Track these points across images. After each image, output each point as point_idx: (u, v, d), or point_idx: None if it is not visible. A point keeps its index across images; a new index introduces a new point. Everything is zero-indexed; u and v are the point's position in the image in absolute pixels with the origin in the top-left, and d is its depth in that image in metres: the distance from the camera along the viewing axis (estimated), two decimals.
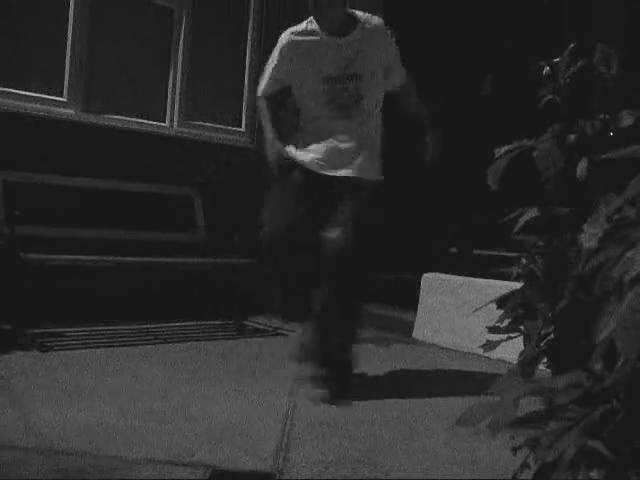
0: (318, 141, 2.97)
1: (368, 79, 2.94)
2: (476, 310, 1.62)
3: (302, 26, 2.97)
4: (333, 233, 2.77)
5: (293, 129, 3.11)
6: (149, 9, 4.70)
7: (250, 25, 5.09)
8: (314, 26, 2.93)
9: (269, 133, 3.00)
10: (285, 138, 3.06)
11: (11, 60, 4.17)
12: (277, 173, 2.96)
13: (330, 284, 2.80)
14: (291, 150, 3.00)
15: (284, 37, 2.98)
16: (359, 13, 2.97)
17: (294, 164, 2.96)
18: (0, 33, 4.12)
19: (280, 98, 3.10)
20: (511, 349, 1.32)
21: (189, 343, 3.77)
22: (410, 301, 4.37)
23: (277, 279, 3.14)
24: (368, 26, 2.95)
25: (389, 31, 3.06)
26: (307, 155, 2.96)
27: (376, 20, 3.00)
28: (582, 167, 1.23)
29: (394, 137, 5.34)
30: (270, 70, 3.03)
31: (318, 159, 2.95)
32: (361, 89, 2.93)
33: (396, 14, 5.33)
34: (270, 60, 3.04)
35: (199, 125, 4.89)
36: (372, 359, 3.61)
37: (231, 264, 4.21)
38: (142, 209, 4.40)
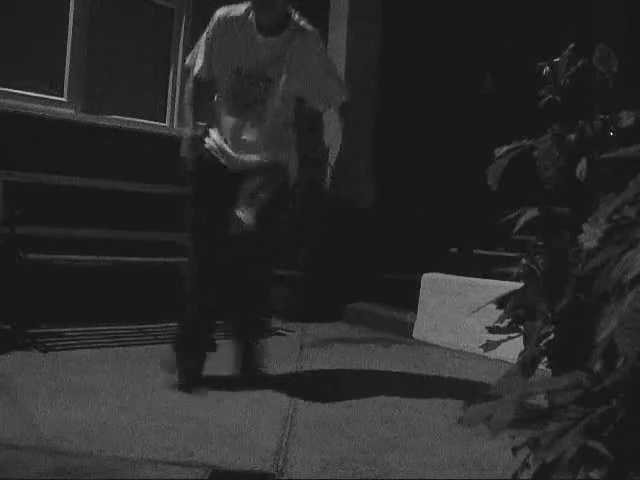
0: (222, 133, 2.87)
1: (279, 86, 2.78)
2: (476, 310, 1.62)
3: (239, 11, 2.80)
4: (243, 213, 2.74)
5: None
6: (149, 9, 4.70)
7: None
8: (250, 16, 2.77)
9: (189, 130, 2.87)
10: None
11: (11, 60, 4.17)
12: (190, 166, 2.86)
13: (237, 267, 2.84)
14: (208, 143, 2.89)
15: (219, 14, 2.82)
16: (296, 16, 2.80)
17: (207, 158, 2.87)
18: (0, 33, 4.12)
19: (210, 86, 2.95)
20: (511, 349, 1.32)
21: None
22: (410, 301, 4.37)
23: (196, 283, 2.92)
24: (299, 32, 2.78)
25: (322, 43, 2.92)
26: (214, 145, 2.88)
27: (309, 28, 2.82)
28: (582, 167, 1.23)
29: (390, 133, 5.34)
30: (204, 49, 2.85)
31: (222, 154, 2.86)
32: (269, 94, 2.78)
33: (396, 13, 5.34)
34: (204, 37, 2.88)
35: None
36: (372, 359, 3.62)
37: None
38: (142, 209, 4.40)
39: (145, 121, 4.64)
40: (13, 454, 1.91)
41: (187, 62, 2.99)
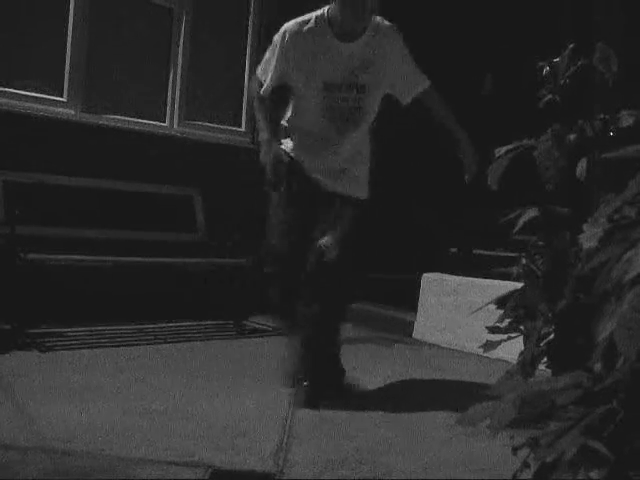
0: (310, 149, 2.81)
1: (371, 92, 2.74)
2: (476, 310, 1.62)
3: (311, 20, 2.69)
4: (327, 241, 2.68)
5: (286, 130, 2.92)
6: (149, 9, 4.70)
7: (250, 25, 5.09)
8: (323, 23, 2.68)
9: (266, 134, 2.76)
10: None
11: (11, 60, 4.17)
12: (273, 177, 2.74)
13: (316, 294, 2.71)
14: (287, 149, 2.82)
15: (290, 27, 2.70)
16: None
17: (290, 168, 2.78)
18: (0, 33, 4.12)
19: (277, 96, 2.86)
20: (511, 349, 1.32)
21: (189, 343, 3.76)
22: (410, 301, 4.37)
23: (276, 284, 2.91)
24: (378, 31, 2.72)
25: (400, 35, 2.81)
26: (303, 161, 2.83)
27: (386, 25, 2.76)
28: (582, 167, 1.23)
29: (394, 134, 5.34)
30: (274, 62, 2.74)
31: (313, 169, 2.82)
32: (362, 101, 2.73)
33: (394, 13, 5.34)
34: (271, 51, 2.77)
35: (199, 125, 4.89)
36: (372, 359, 3.61)
37: (231, 264, 4.21)
38: (142, 209, 4.40)
39: (145, 121, 4.64)
40: (13, 454, 1.91)
41: (259, 74, 2.85)
